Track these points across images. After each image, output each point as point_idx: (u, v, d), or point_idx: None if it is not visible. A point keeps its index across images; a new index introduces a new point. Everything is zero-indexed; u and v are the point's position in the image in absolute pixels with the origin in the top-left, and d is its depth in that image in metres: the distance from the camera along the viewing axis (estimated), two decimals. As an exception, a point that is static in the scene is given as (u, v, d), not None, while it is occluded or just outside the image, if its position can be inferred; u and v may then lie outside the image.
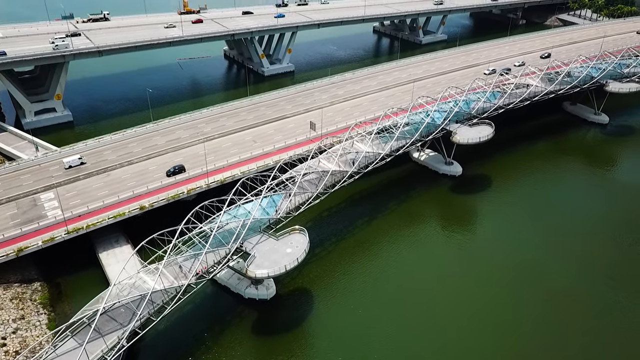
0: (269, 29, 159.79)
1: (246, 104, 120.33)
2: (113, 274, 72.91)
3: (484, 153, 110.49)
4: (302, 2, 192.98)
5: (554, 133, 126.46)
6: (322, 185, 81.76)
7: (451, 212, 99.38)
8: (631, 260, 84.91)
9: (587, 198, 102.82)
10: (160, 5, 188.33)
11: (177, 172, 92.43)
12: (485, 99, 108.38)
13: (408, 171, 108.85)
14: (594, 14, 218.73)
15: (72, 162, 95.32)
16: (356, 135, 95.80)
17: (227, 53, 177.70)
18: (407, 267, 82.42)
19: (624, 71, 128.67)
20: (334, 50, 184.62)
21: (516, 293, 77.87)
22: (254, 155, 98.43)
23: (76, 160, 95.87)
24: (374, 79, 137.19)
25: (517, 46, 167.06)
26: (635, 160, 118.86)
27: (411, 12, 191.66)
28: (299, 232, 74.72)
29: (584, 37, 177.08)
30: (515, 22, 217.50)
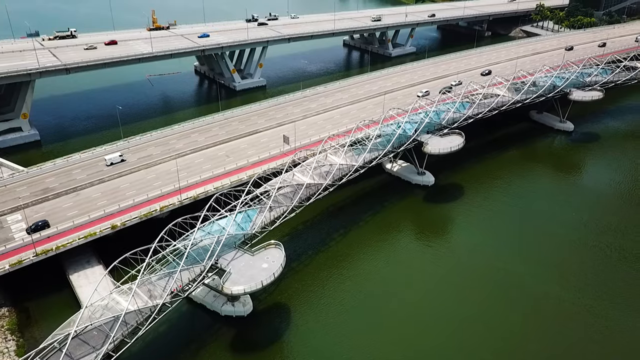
0: (240, 44, 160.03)
1: (218, 119, 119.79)
2: (85, 296, 70.99)
3: (455, 162, 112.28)
4: (273, 17, 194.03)
5: (522, 141, 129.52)
6: (297, 198, 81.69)
7: (425, 221, 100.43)
8: (603, 264, 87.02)
9: (557, 203, 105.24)
10: (129, 22, 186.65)
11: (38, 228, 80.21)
12: (454, 109, 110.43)
13: (382, 182, 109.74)
14: (555, 25, 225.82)
15: (114, 159, 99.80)
16: (330, 148, 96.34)
17: (198, 69, 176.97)
18: (384, 279, 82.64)
19: (586, 80, 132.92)
20: (305, 64, 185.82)
21: (493, 299, 78.87)
22: (228, 170, 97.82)
23: (117, 157, 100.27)
24: (345, 92, 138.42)
25: (484, 57, 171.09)
26: (600, 165, 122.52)
27: (380, 25, 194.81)
28: (275, 247, 74.31)
29: (547, 48, 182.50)
30: (481, 34, 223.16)
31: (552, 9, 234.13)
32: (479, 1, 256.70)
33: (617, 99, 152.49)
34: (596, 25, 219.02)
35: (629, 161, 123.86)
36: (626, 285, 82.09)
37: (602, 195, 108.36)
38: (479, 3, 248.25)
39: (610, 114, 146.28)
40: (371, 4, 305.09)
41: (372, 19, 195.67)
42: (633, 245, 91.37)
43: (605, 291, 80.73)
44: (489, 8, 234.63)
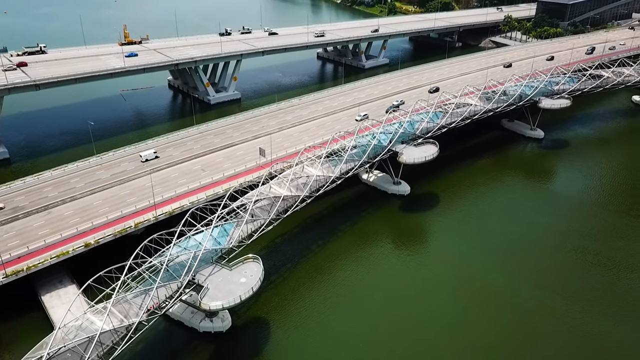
0: (213, 57, 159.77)
1: (193, 133, 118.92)
2: (57, 317, 69.14)
3: (430, 171, 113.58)
4: (246, 31, 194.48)
5: (494, 149, 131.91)
6: (275, 211, 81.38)
7: (403, 230, 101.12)
8: (578, 269, 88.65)
9: (530, 209, 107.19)
10: (101, 37, 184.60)
11: None
12: (428, 119, 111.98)
13: (358, 192, 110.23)
14: (523, 35, 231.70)
15: (148, 156, 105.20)
16: (306, 160, 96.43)
17: (172, 83, 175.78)
18: (365, 290, 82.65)
19: (554, 88, 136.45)
20: (279, 77, 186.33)
21: (472, 306, 79.54)
22: (203, 185, 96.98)
23: (151, 154, 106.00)
24: (320, 104, 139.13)
25: (456, 67, 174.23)
26: (570, 171, 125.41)
27: (353, 37, 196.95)
28: (253, 261, 73.77)
29: (515, 57, 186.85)
30: (452, 45, 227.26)
31: (520, 20, 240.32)
32: (449, 13, 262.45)
33: (585, 107, 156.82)
34: (562, 35, 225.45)
35: (598, 167, 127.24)
36: (601, 289, 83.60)
37: (574, 200, 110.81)
38: (449, 15, 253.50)
39: (579, 121, 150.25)
40: (344, 17, 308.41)
41: (316, 35, 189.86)
42: (607, 250, 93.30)
43: (581, 295, 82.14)
44: (459, 19, 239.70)
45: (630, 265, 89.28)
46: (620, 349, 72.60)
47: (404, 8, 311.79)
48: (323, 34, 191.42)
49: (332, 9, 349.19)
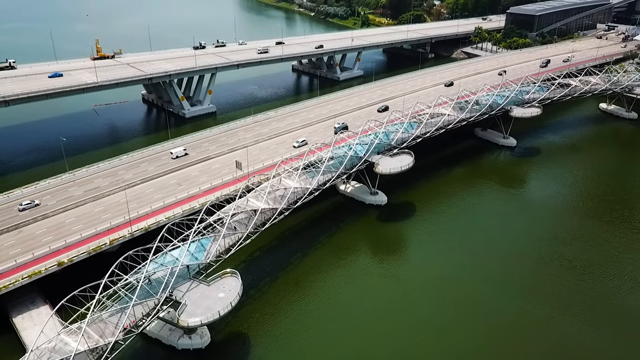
0: (188, 71, 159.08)
1: (168, 147, 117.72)
2: (30, 339, 67.22)
3: (406, 181, 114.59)
4: (220, 44, 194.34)
5: (469, 158, 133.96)
6: (252, 224, 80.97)
7: (381, 240, 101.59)
8: (554, 274, 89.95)
9: (506, 217, 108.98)
10: (72, 52, 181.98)
11: None
12: (403, 129, 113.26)
13: (336, 204, 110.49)
14: (494, 46, 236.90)
15: (179, 153, 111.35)
16: (283, 172, 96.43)
17: (146, 97, 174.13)
18: (345, 302, 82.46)
19: (525, 97, 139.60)
20: (255, 90, 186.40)
21: (451, 313, 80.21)
22: (179, 199, 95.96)
23: (181, 151, 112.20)
24: (296, 116, 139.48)
25: (429, 78, 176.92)
26: (543, 178, 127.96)
27: (327, 50, 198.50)
28: (231, 275, 73.18)
29: (487, 68, 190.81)
30: (424, 56, 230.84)
31: (490, 31, 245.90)
32: (421, 25, 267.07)
33: (555, 115, 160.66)
34: (531, 45, 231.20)
35: (570, 173, 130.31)
36: (578, 294, 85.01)
37: (548, 207, 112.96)
38: (421, 27, 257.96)
39: (550, 129, 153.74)
40: (318, 29, 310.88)
41: (259, 51, 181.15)
42: (582, 255, 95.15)
43: (559, 300, 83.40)
44: (431, 31, 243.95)
45: (605, 269, 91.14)
46: (598, 353, 73.84)
47: (377, 20, 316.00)
48: (267, 50, 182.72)
49: (306, 22, 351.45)
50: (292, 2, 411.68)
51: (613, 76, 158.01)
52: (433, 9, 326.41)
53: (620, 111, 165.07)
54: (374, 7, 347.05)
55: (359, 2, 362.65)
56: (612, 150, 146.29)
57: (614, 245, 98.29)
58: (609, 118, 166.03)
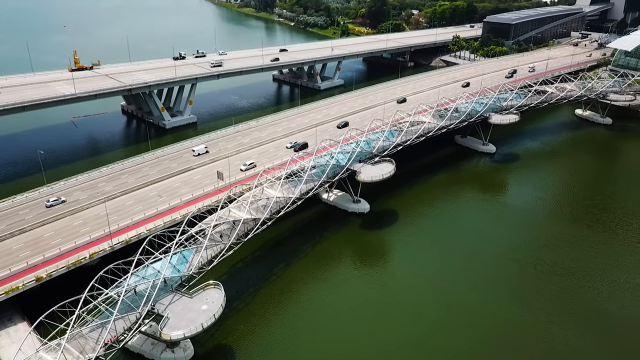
0: (168, 81, 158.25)
1: (148, 158, 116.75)
2: (7, 357, 65.61)
3: (388, 189, 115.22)
4: (200, 54, 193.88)
5: (449, 165, 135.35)
6: (235, 235, 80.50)
7: (365, 248, 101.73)
8: (538, 279, 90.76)
9: (487, 222, 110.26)
10: (49, 64, 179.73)
11: None
12: (384, 138, 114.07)
13: (319, 212, 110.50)
14: (471, 54, 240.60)
15: (200, 151, 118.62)
16: (265, 182, 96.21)
17: (125, 108, 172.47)
18: (330, 312, 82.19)
19: (503, 104, 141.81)
20: (236, 100, 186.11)
21: (435, 319, 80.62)
22: (160, 211, 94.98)
23: (203, 148, 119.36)
24: (278, 126, 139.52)
25: (409, 86, 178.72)
26: (522, 184, 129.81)
27: (308, 59, 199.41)
28: (214, 287, 72.57)
29: (465, 76, 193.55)
30: (404, 65, 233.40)
31: (468, 40, 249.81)
32: (400, 34, 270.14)
33: (533, 121, 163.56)
34: (507, 53, 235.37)
35: (549, 179, 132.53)
36: (560, 298, 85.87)
37: (528, 212, 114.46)
38: (400, 36, 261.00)
39: (528, 135, 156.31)
40: (298, 39, 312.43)
41: (212, 65, 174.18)
42: (562, 259, 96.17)
43: (541, 305, 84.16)
44: (410, 40, 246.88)
45: (586, 273, 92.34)
46: (583, 357, 74.77)
47: (357, 30, 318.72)
48: (220, 64, 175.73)
49: (286, 32, 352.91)
50: (272, 13, 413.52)
51: (587, 83, 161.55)
52: (411, 18, 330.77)
53: (595, 117, 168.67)
54: (353, 17, 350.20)
55: (338, 11, 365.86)
56: (589, 155, 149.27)
57: (594, 249, 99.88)
58: (585, 124, 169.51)
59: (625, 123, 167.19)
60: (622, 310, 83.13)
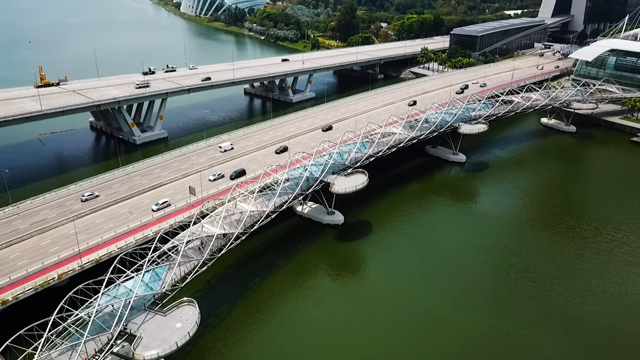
0: (137, 97, 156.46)
1: (118, 175, 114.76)
2: (-28, 385, 63.04)
3: (362, 200, 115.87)
4: (170, 69, 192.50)
5: (421, 174, 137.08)
6: (208, 250, 79.56)
7: (340, 260, 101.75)
8: (511, 286, 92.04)
9: (459, 231, 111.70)
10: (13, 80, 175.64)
11: None
12: (356, 149, 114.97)
13: (294, 225, 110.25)
14: (440, 65, 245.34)
15: (226, 147, 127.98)
16: (239, 196, 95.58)
17: (94, 124, 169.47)
18: (307, 326, 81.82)
19: (472, 114, 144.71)
20: (207, 114, 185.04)
21: (412, 328, 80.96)
22: (132, 228, 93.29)
23: (228, 145, 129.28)
24: (250, 139, 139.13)
25: (379, 98, 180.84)
26: (492, 192, 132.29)
27: (279, 73, 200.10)
28: (188, 304, 71.43)
29: (434, 87, 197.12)
30: (374, 77, 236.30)
31: (436, 52, 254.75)
32: (370, 47, 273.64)
33: (501, 130, 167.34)
34: (474, 64, 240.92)
35: (518, 186, 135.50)
36: (532, 304, 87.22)
37: (499, 219, 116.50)
38: (370, 48, 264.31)
39: (496, 144, 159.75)
40: (269, 52, 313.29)
41: (137, 86, 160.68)
42: (535, 266, 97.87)
43: (515, 311, 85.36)
44: (379, 52, 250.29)
45: (558, 279, 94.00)
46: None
47: (327, 43, 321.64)
48: (147, 84, 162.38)
49: (256, 45, 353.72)
50: (242, 27, 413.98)
51: (552, 92, 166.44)
52: (381, 31, 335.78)
53: (560, 125, 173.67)
54: (323, 30, 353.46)
55: (308, 25, 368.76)
56: (555, 162, 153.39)
57: (565, 254, 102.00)
58: (550, 132, 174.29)
59: (588, 130, 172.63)
60: (593, 316, 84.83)
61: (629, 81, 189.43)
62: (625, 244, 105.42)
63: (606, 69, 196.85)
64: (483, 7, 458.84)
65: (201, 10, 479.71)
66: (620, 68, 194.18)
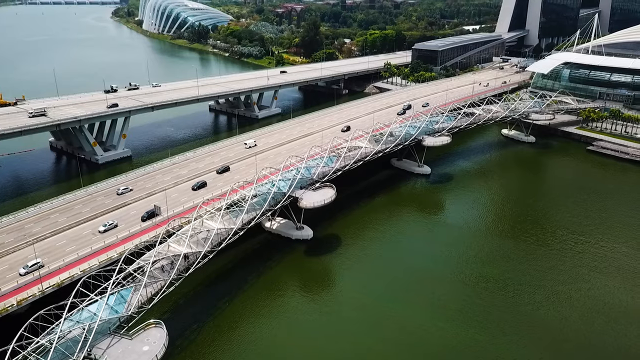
0: (99, 115, 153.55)
1: (81, 195, 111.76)
2: None
3: (331, 213, 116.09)
4: (133, 87, 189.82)
5: (388, 187, 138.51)
6: (175, 270, 78.03)
7: (310, 275, 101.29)
8: (480, 296, 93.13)
9: (427, 242, 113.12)
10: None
11: None
12: (323, 163, 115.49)
13: (262, 242, 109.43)
14: (403, 80, 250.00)
15: (251, 144, 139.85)
16: (205, 213, 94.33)
17: (54, 144, 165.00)
18: (280, 343, 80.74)
19: (435, 127, 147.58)
20: (172, 132, 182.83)
21: (386, 343, 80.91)
22: (95, 250, 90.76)
23: (252, 142, 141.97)
24: (216, 156, 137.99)
25: (344, 113, 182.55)
26: (458, 203, 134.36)
27: (244, 89, 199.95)
28: (156, 326, 69.79)
29: (398, 101, 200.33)
30: (339, 92, 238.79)
31: (398, 67, 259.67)
32: (334, 62, 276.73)
33: (464, 142, 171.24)
34: (436, 78, 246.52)
35: (482, 196, 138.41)
36: (501, 313, 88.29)
37: (466, 229, 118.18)
38: (334, 64, 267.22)
39: (460, 155, 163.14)
40: (233, 69, 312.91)
41: (30, 114, 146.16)
42: (503, 275, 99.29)
43: (484, 321, 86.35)
44: (343, 68, 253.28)
45: (526, 287, 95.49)
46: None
47: (292, 59, 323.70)
48: (44, 113, 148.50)
49: (221, 62, 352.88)
50: (206, 44, 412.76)
51: (511, 104, 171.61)
52: (344, 47, 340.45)
53: (520, 136, 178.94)
54: (287, 46, 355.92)
55: (272, 41, 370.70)
56: (517, 172, 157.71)
57: (531, 262, 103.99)
58: (511, 142, 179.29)
59: (547, 140, 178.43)
60: (562, 321, 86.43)
61: (582, 92, 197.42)
62: (587, 250, 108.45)
63: (561, 81, 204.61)
64: (443, 22, 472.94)
65: (164, 28, 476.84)
66: (574, 80, 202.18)
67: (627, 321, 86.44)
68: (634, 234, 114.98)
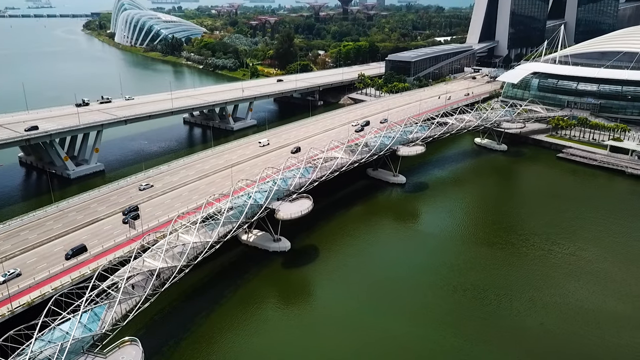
0: (71, 129, 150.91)
1: (52, 211, 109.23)
2: None
3: (308, 224, 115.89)
4: (106, 100, 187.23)
5: (364, 197, 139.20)
6: (150, 286, 76.67)
7: (287, 287, 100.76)
8: (459, 304, 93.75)
9: (405, 251, 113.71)
10: None
11: None
12: (300, 174, 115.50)
13: (239, 254, 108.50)
14: (377, 91, 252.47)
15: (264, 142, 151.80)
16: (181, 227, 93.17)
17: (24, 159, 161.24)
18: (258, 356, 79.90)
19: (409, 137, 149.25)
20: (145, 145, 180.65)
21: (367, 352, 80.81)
22: (67, 267, 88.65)
23: (266, 140, 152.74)
24: (191, 169, 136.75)
25: (320, 124, 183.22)
26: (434, 211, 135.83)
27: (218, 101, 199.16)
28: (131, 344, 68.27)
29: (372, 112, 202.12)
30: (314, 104, 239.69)
31: (372, 78, 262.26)
32: (308, 74, 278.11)
33: (438, 151, 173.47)
34: (410, 89, 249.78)
35: (457, 205, 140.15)
36: (480, 320, 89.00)
37: (442, 238, 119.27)
38: (309, 76, 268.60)
39: (434, 165, 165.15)
40: (208, 81, 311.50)
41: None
42: (481, 282, 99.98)
43: (464, 328, 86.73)
44: (318, 80, 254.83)
45: (504, 293, 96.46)
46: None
47: (266, 71, 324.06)
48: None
49: (195, 74, 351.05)
50: (180, 56, 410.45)
51: (483, 113, 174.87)
52: (318, 59, 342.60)
53: (493, 144, 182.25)
54: (262, 59, 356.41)
55: (246, 53, 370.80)
56: (491, 180, 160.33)
57: (507, 269, 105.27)
58: (484, 151, 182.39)
59: (518, 148, 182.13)
60: (540, 327, 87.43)
61: (551, 101, 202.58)
62: (560, 256, 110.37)
63: (530, 90, 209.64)
64: (415, 34, 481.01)
65: (136, 41, 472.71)
66: (543, 89, 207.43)
67: (600, 324, 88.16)
68: (604, 239, 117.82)
